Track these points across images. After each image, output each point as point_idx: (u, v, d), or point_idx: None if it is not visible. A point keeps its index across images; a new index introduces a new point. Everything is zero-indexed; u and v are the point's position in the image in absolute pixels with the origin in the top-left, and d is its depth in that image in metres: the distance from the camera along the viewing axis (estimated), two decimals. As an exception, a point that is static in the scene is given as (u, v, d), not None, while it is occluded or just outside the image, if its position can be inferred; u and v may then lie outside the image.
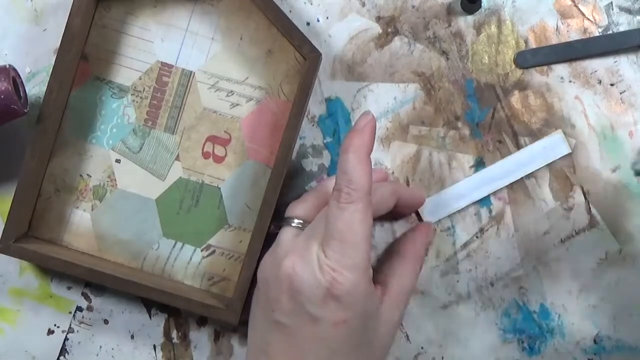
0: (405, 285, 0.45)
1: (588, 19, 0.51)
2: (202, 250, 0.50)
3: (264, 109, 0.50)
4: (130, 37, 0.50)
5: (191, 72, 0.50)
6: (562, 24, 0.51)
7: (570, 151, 0.50)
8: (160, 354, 0.51)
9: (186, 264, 0.50)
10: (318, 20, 0.51)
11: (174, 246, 0.50)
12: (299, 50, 0.48)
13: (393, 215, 0.49)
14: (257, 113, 0.49)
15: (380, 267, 0.48)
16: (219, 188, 0.50)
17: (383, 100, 0.50)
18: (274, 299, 0.41)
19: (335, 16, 0.51)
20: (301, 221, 0.43)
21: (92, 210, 0.50)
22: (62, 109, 0.49)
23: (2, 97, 0.44)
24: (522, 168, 0.50)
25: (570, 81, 0.51)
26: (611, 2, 0.51)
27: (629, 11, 0.50)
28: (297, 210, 0.44)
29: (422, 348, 0.51)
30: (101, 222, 0.50)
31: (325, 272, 0.39)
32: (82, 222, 0.50)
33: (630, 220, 0.51)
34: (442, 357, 0.51)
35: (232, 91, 0.50)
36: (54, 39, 0.49)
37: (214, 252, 0.50)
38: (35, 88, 0.50)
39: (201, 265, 0.50)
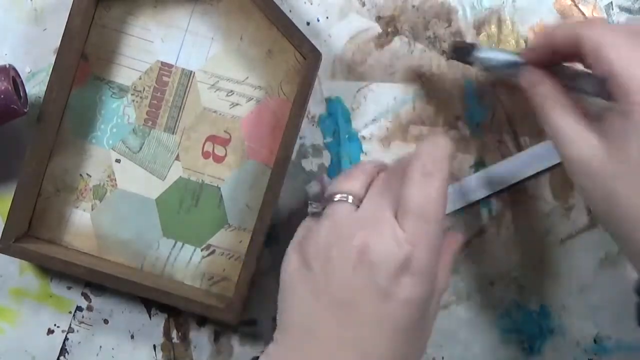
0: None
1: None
2: (202, 250, 0.50)
3: (264, 109, 0.50)
4: (130, 37, 0.50)
5: (191, 72, 0.50)
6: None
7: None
8: (160, 354, 0.51)
9: (186, 263, 0.50)
10: (318, 20, 0.51)
11: (173, 246, 0.50)
12: (299, 50, 0.48)
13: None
14: (257, 113, 0.49)
15: None
16: (219, 188, 0.50)
17: (383, 100, 0.50)
18: (337, 276, 0.38)
19: (335, 16, 0.51)
20: (354, 197, 0.41)
21: (92, 210, 0.50)
22: (62, 109, 0.49)
23: (2, 97, 0.44)
24: (523, 170, 0.50)
25: (571, 81, 0.51)
26: (611, 2, 0.51)
27: (629, 11, 0.50)
28: (350, 186, 0.41)
29: (421, 348, 0.51)
30: (101, 222, 0.50)
31: (402, 246, 0.38)
32: (82, 222, 0.50)
33: (629, 220, 0.51)
34: (442, 357, 0.52)
35: (232, 91, 0.50)
36: (54, 38, 0.49)
37: (214, 252, 0.50)
38: (35, 88, 0.50)
39: (201, 265, 0.50)
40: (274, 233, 0.50)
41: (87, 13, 0.48)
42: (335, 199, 0.41)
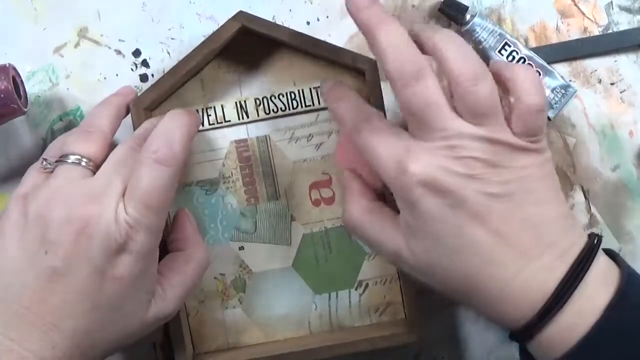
0: (181, 286, 0.44)
1: (588, 18, 0.51)
2: (356, 290, 0.50)
3: (348, 135, 0.50)
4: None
5: (265, 136, 0.50)
6: (562, 23, 0.51)
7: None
8: (160, 353, 0.51)
9: (348, 309, 0.50)
10: (318, 20, 0.51)
11: (329, 299, 0.50)
12: (354, 67, 0.48)
13: None
14: (344, 142, 0.49)
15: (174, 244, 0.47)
16: (343, 225, 0.50)
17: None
18: (54, 241, 0.38)
19: (335, 16, 0.51)
20: (90, 161, 0.41)
21: (240, 304, 0.50)
22: (169, 227, 0.49)
23: (2, 96, 0.44)
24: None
25: (570, 80, 0.51)
26: (611, 2, 0.51)
27: (628, 10, 0.51)
28: (86, 149, 0.42)
29: (422, 348, 0.51)
30: (254, 310, 0.50)
31: (122, 228, 0.39)
32: (237, 318, 0.50)
33: (630, 219, 0.51)
34: (442, 357, 0.52)
35: (310, 134, 0.50)
36: (54, 38, 0.50)
37: (367, 286, 0.50)
38: (35, 87, 0.50)
39: (362, 303, 0.50)
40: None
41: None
42: (69, 161, 0.41)
